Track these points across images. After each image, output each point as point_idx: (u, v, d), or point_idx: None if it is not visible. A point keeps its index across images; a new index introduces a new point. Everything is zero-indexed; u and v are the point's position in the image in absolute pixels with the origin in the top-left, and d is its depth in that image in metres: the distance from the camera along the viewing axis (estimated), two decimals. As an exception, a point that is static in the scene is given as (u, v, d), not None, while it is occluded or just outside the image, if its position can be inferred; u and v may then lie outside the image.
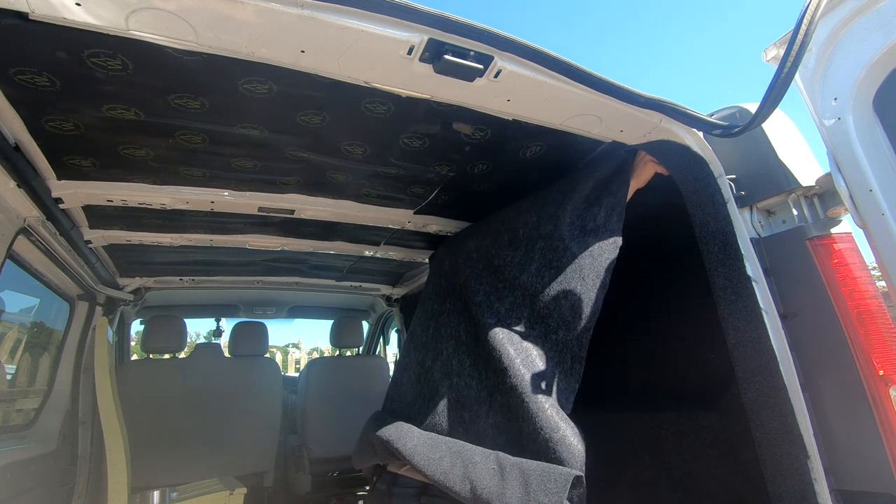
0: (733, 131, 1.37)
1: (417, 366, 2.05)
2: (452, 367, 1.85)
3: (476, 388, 1.72)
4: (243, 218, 2.25)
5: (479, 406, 1.68)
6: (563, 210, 1.76)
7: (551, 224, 1.78)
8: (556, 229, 1.74)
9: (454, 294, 2.08)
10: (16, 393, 2.48)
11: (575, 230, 1.70)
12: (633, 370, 2.31)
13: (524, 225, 1.91)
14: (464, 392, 1.75)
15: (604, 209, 1.67)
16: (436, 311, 2.14)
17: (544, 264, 1.73)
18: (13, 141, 1.45)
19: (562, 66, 1.29)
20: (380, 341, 5.26)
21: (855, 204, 1.24)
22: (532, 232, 1.85)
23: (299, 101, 1.39)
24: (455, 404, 1.76)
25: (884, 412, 1.22)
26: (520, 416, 1.51)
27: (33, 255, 2.04)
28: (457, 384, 1.79)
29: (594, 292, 1.55)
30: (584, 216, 1.72)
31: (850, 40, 1.25)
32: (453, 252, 2.25)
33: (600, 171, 1.76)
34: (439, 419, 1.76)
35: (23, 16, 0.97)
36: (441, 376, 1.87)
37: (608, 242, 1.61)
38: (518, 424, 1.51)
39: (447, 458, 1.56)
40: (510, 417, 1.56)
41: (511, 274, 1.84)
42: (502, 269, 1.89)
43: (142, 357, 4.16)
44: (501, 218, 2.08)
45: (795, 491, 1.25)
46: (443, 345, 1.97)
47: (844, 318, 1.31)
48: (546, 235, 1.78)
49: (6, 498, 1.87)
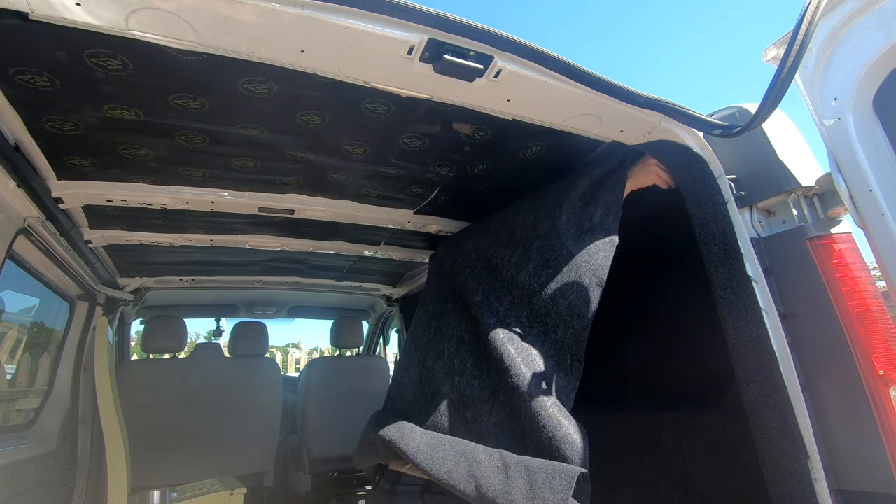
0: (733, 131, 1.37)
1: (418, 365, 2.05)
2: (454, 367, 1.85)
3: (478, 388, 1.72)
4: (243, 218, 2.25)
5: (481, 405, 1.68)
6: (560, 209, 1.76)
7: (548, 223, 1.78)
8: (553, 228, 1.74)
9: (455, 294, 2.08)
10: (16, 393, 2.48)
11: (571, 229, 1.70)
12: (633, 370, 2.31)
13: (522, 224, 1.91)
14: (466, 391, 1.75)
15: (600, 208, 1.67)
16: (437, 311, 2.14)
17: (541, 263, 1.73)
18: (13, 141, 1.45)
19: (562, 66, 1.29)
20: (380, 341, 5.26)
21: (855, 204, 1.24)
22: (529, 231, 1.85)
23: (299, 100, 1.39)
24: (457, 403, 1.76)
25: (884, 412, 1.22)
26: (522, 415, 1.51)
27: (33, 255, 2.04)
28: (459, 383, 1.79)
29: (591, 291, 1.55)
30: (580, 215, 1.72)
31: (850, 40, 1.25)
32: (453, 252, 2.25)
33: (598, 169, 1.76)
34: (442, 418, 1.76)
35: (23, 16, 0.97)
36: (443, 375, 1.87)
37: (605, 241, 1.61)
38: (521, 423, 1.51)
39: (451, 456, 1.56)
40: (512, 416, 1.56)
41: (509, 273, 1.84)
42: (500, 268, 1.89)
43: (142, 357, 4.16)
44: (500, 218, 2.08)
45: (795, 491, 1.25)
46: (444, 344, 1.97)
47: (844, 318, 1.31)
48: (543, 235, 1.78)
49: (6, 498, 1.87)
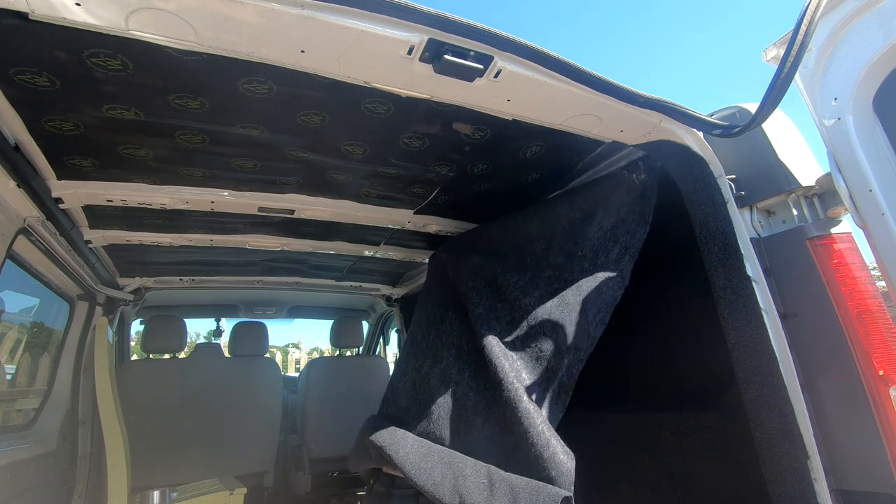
0: (733, 131, 1.37)
1: (414, 371, 2.05)
2: (451, 376, 1.85)
3: (473, 399, 1.73)
4: (243, 218, 2.25)
5: (474, 417, 1.68)
6: (576, 244, 1.75)
7: (562, 256, 1.78)
8: (567, 262, 1.74)
9: (456, 303, 2.08)
10: (16, 393, 2.48)
11: (585, 264, 1.70)
12: (633, 370, 2.31)
13: (533, 252, 1.91)
14: (461, 402, 1.76)
15: (618, 247, 1.66)
16: (437, 318, 2.14)
17: (549, 292, 1.73)
18: (13, 141, 1.45)
19: (562, 66, 1.29)
20: (380, 341, 5.26)
21: (855, 204, 1.24)
22: (541, 260, 1.85)
23: (299, 100, 1.39)
24: (451, 413, 1.76)
25: (884, 412, 1.21)
26: (513, 431, 1.51)
27: (33, 255, 2.04)
28: (454, 393, 1.80)
29: (592, 328, 1.56)
30: (597, 249, 1.70)
31: (850, 40, 1.25)
32: (456, 260, 2.24)
33: (619, 205, 1.71)
34: (434, 426, 1.76)
35: (23, 16, 0.97)
36: (438, 383, 1.88)
37: (615, 280, 1.61)
38: (511, 438, 1.52)
39: (438, 468, 1.56)
40: (504, 430, 1.56)
41: (513, 295, 1.84)
42: (505, 288, 1.90)
43: (142, 357, 4.16)
44: (509, 241, 2.06)
45: (795, 491, 1.25)
46: (443, 352, 1.98)
47: (844, 318, 1.31)
48: (556, 265, 1.78)
49: (6, 498, 1.87)
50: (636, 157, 1.73)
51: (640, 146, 1.67)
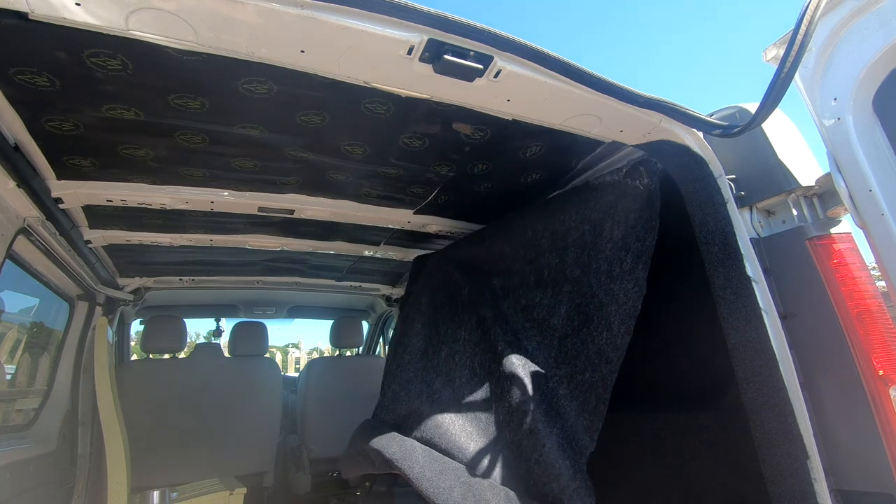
0: (733, 131, 1.37)
1: (422, 384, 2.06)
2: (465, 396, 1.87)
3: (486, 422, 1.74)
4: (243, 218, 2.25)
5: (487, 439, 1.70)
6: (590, 258, 1.78)
7: (578, 269, 1.80)
8: (584, 275, 1.76)
9: (470, 325, 2.09)
10: (16, 393, 2.48)
11: (602, 276, 1.72)
12: (633, 370, 2.31)
13: (548, 267, 1.93)
14: (474, 422, 1.77)
15: (631, 255, 1.67)
16: (450, 337, 2.15)
17: (573, 308, 1.76)
18: (13, 141, 1.45)
19: (561, 66, 1.29)
20: (380, 341, 5.26)
21: (855, 204, 1.24)
22: (558, 275, 1.87)
23: (299, 101, 1.39)
24: (465, 431, 1.78)
25: (884, 412, 1.21)
26: (532, 458, 1.52)
27: (33, 255, 2.04)
28: (468, 411, 1.81)
29: (620, 338, 1.58)
30: (610, 260, 1.72)
31: (850, 40, 1.25)
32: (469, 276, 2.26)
33: (626, 213, 1.73)
34: (445, 442, 1.78)
35: (23, 16, 0.97)
36: (451, 401, 1.90)
37: (634, 289, 1.62)
38: (529, 465, 1.53)
39: (457, 489, 1.58)
40: (521, 456, 1.57)
41: (540, 315, 1.87)
42: (530, 308, 1.93)
43: (142, 357, 4.16)
44: (522, 257, 2.07)
45: (795, 491, 1.25)
46: (456, 373, 2.00)
47: (844, 318, 1.31)
48: (573, 279, 1.80)
49: (6, 498, 1.87)
50: (637, 161, 1.73)
51: (639, 146, 1.67)
